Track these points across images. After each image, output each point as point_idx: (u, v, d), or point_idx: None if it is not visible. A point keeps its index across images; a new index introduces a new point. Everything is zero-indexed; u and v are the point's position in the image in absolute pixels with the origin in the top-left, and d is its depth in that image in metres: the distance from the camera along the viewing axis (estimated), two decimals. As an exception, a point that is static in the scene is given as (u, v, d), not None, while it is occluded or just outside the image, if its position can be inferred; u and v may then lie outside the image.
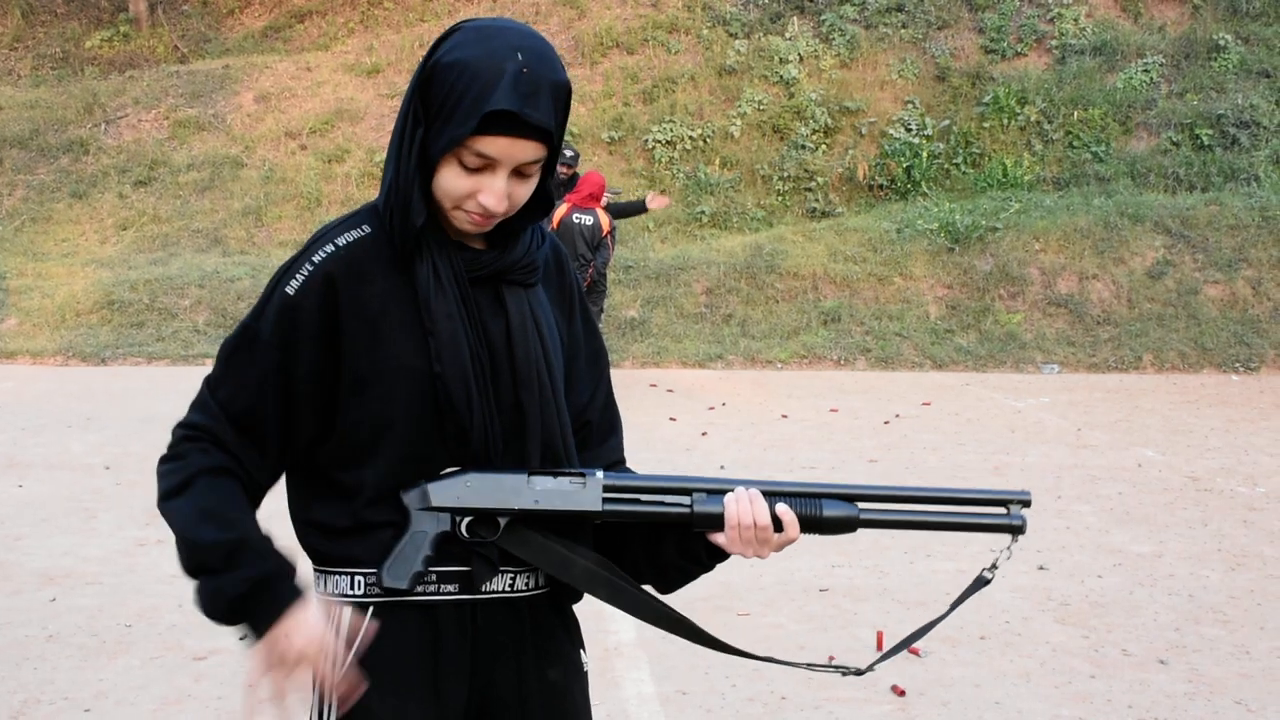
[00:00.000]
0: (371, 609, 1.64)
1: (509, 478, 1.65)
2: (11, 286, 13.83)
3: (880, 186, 16.20)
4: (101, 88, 18.25)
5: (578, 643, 1.80)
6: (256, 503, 1.68)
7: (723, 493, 1.69)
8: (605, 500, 1.68)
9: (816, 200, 16.12)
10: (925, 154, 16.00)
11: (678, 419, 9.19)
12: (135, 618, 4.72)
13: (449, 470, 1.64)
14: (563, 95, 1.59)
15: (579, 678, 1.79)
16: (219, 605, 1.60)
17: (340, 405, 1.63)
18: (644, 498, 1.69)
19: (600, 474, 1.69)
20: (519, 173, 1.60)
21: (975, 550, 5.66)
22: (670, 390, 10.69)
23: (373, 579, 1.64)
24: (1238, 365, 12.44)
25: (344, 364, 1.62)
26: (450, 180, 1.59)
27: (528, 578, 1.71)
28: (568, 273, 1.81)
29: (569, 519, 1.69)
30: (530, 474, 1.66)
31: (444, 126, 1.56)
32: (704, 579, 1.81)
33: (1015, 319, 13.10)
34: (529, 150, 1.58)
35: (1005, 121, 16.42)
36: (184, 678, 4.12)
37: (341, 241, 1.63)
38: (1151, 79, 16.63)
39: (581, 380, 1.80)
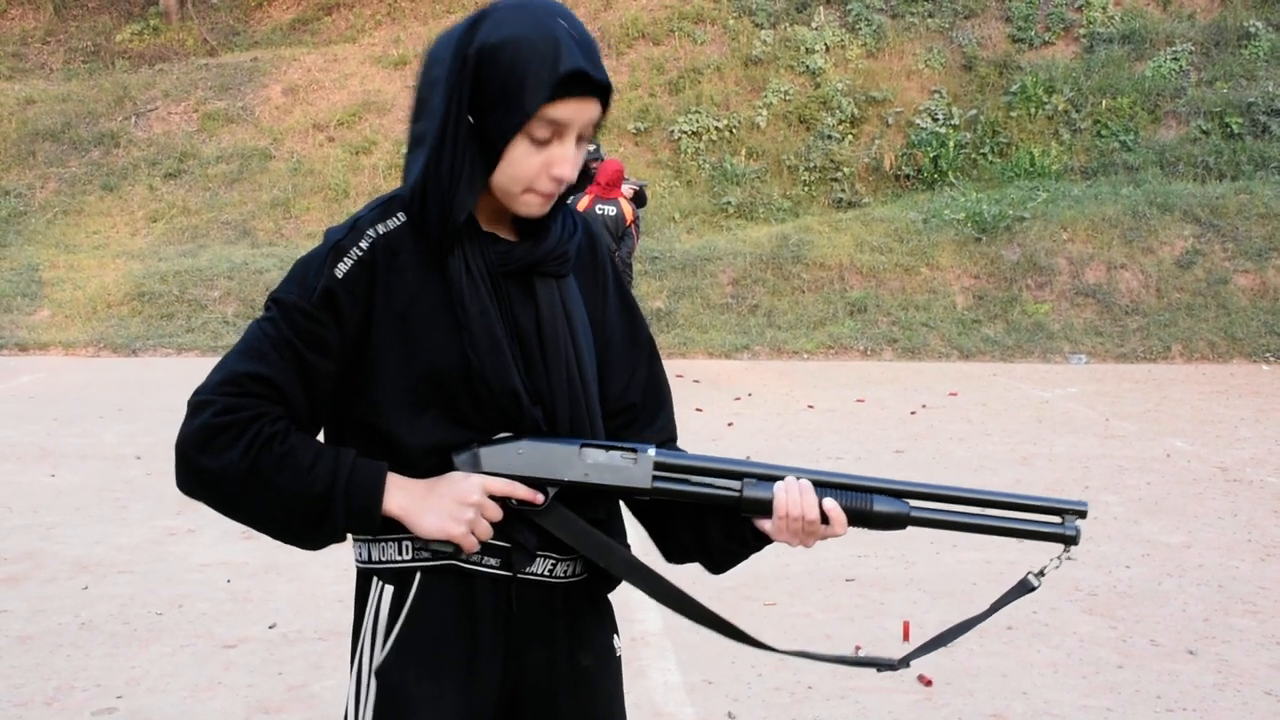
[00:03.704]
0: (418, 578, 1.65)
1: (561, 448, 1.64)
2: (44, 278, 13.97)
3: (907, 176, 16.14)
4: (132, 81, 18.40)
5: (610, 628, 1.81)
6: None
7: (773, 480, 1.68)
8: (655, 478, 1.67)
9: (843, 190, 16.09)
10: (952, 144, 15.93)
11: (704, 409, 9.19)
12: (166, 606, 4.77)
13: (502, 435, 1.64)
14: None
15: (611, 663, 1.79)
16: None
17: (364, 385, 1.64)
18: (694, 479, 1.68)
19: (652, 451, 1.67)
20: (579, 137, 1.62)
21: (1002, 542, 5.64)
22: (696, 381, 10.70)
23: (420, 543, 1.64)
24: (1268, 355, 12.34)
25: (370, 352, 1.62)
26: (521, 160, 1.58)
27: (568, 565, 1.71)
28: (601, 256, 1.81)
29: (617, 494, 1.69)
30: (582, 445, 1.65)
31: (512, 105, 1.55)
32: (731, 569, 1.81)
33: (1043, 309, 13.04)
34: (593, 110, 1.60)
35: (1033, 111, 16.33)
36: (214, 665, 4.16)
37: (383, 229, 1.63)
38: (1181, 67, 16.49)
39: (618, 365, 1.79)
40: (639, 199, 10.68)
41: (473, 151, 1.58)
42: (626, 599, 4.78)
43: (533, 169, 1.59)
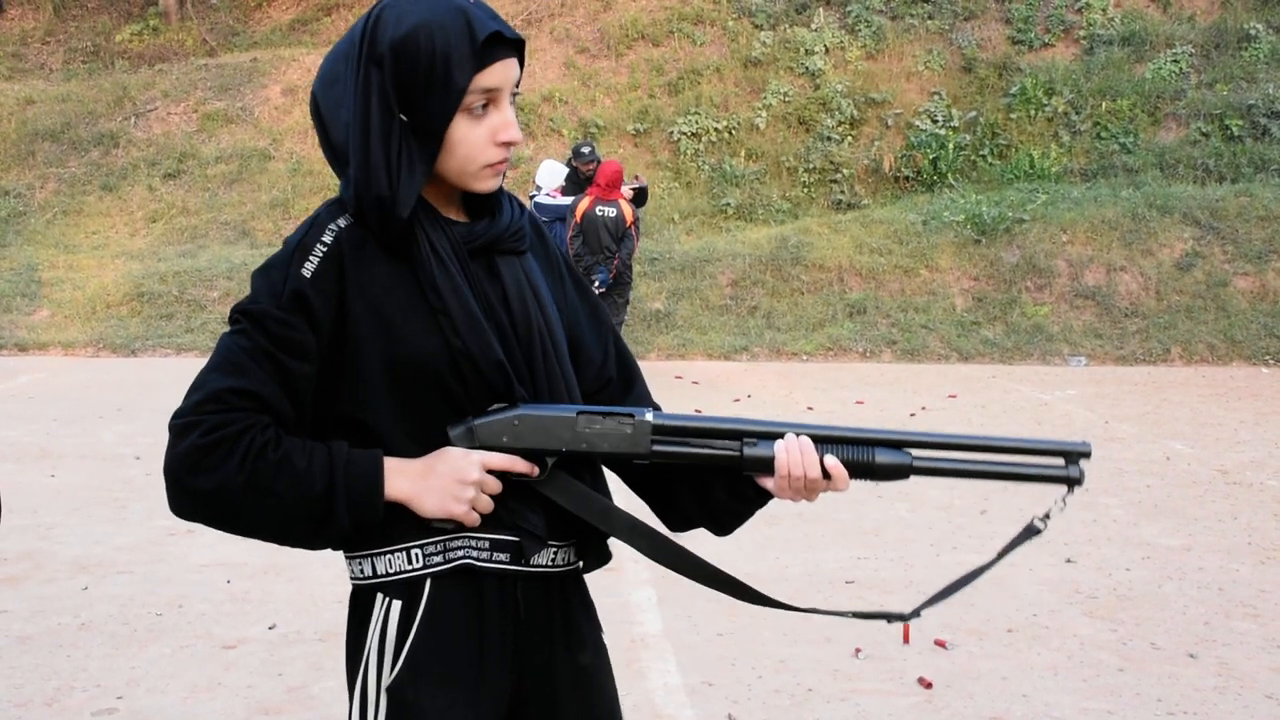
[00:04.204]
0: (427, 587, 1.63)
1: (557, 416, 1.64)
2: (43, 278, 13.96)
3: (906, 178, 16.14)
4: (131, 81, 18.38)
5: (594, 619, 1.80)
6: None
7: (773, 437, 1.68)
8: (654, 441, 1.66)
9: (842, 192, 16.08)
10: (951, 145, 15.93)
11: (703, 411, 9.18)
12: (166, 606, 4.77)
13: (496, 406, 1.63)
14: None
15: (603, 660, 1.79)
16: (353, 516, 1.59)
17: (346, 381, 1.63)
18: (692, 440, 1.68)
19: (649, 415, 1.67)
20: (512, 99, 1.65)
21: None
22: (695, 382, 10.69)
23: (431, 548, 1.63)
24: (1268, 358, 12.34)
25: (347, 347, 1.61)
26: (465, 138, 1.60)
27: (567, 552, 1.72)
28: (548, 239, 1.83)
29: (617, 460, 1.69)
30: (579, 413, 1.65)
31: (443, 87, 1.56)
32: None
33: (1042, 311, 13.04)
34: (515, 68, 1.63)
35: (1032, 113, 16.33)
36: (214, 666, 4.16)
37: (343, 223, 1.62)
38: (1181, 69, 16.50)
39: (590, 341, 1.81)
40: (640, 197, 10.68)
41: (410, 148, 1.58)
42: (625, 600, 4.79)
43: (480, 143, 1.61)
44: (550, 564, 1.70)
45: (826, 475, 1.68)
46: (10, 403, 9.53)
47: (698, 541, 1.87)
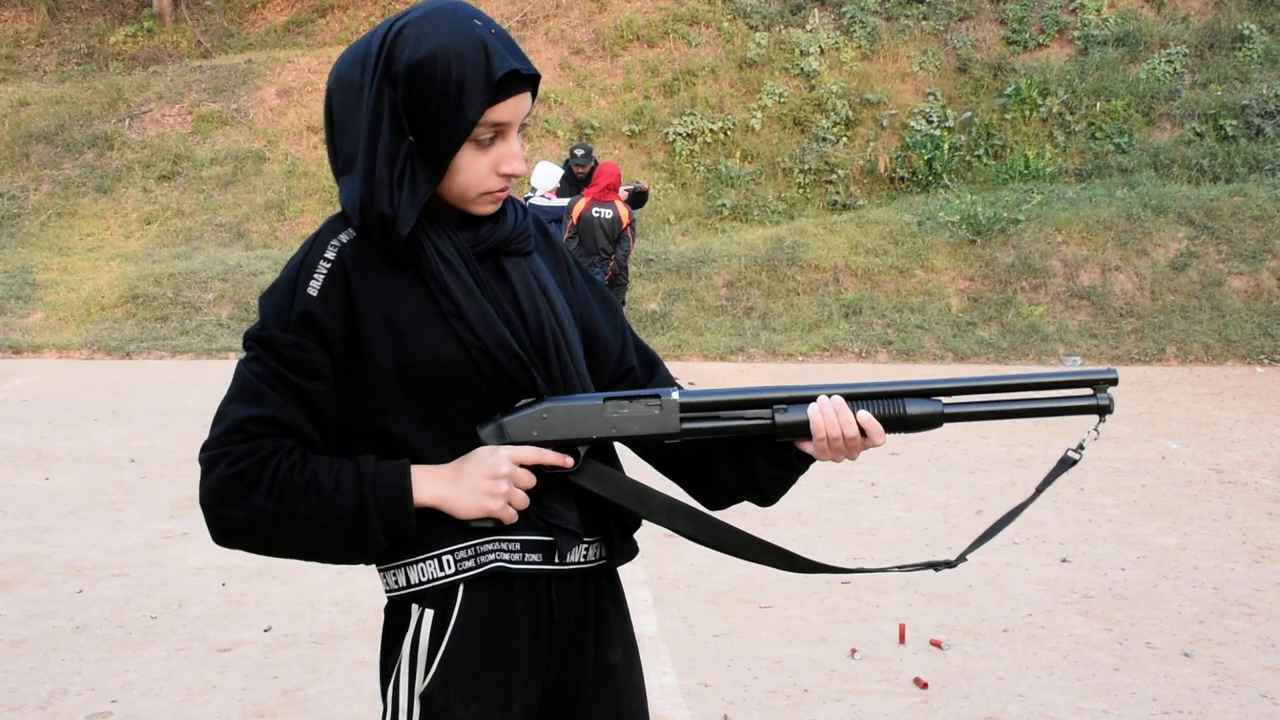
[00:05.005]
0: (460, 594, 1.63)
1: (584, 406, 1.64)
2: (38, 281, 13.95)
3: (901, 179, 16.15)
4: (126, 83, 18.36)
5: (625, 614, 1.80)
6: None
7: (804, 401, 1.68)
8: (683, 419, 1.66)
9: (837, 193, 16.09)
10: (946, 146, 15.94)
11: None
12: (161, 609, 4.76)
13: (524, 402, 1.64)
14: None
15: (633, 658, 1.80)
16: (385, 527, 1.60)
17: (365, 394, 1.63)
18: (722, 414, 1.67)
19: (675, 394, 1.67)
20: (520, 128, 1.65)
21: (998, 543, 5.66)
22: (692, 383, 10.69)
23: (462, 553, 1.62)
24: (1262, 357, 12.36)
25: (364, 360, 1.61)
26: (469, 166, 1.60)
27: (597, 548, 1.72)
28: (553, 238, 1.83)
29: (647, 442, 1.69)
30: (605, 399, 1.65)
31: (453, 116, 1.56)
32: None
33: (1037, 311, 13.05)
34: (527, 102, 1.62)
35: (1027, 113, 16.35)
36: (209, 669, 4.15)
37: (345, 238, 1.62)
38: (1175, 69, 16.52)
39: (607, 334, 1.81)
40: (638, 200, 10.68)
41: (414, 168, 1.58)
42: (622, 602, 4.78)
43: (482, 172, 1.61)
44: (582, 560, 1.70)
45: (863, 432, 1.69)
46: (4, 405, 9.52)
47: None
